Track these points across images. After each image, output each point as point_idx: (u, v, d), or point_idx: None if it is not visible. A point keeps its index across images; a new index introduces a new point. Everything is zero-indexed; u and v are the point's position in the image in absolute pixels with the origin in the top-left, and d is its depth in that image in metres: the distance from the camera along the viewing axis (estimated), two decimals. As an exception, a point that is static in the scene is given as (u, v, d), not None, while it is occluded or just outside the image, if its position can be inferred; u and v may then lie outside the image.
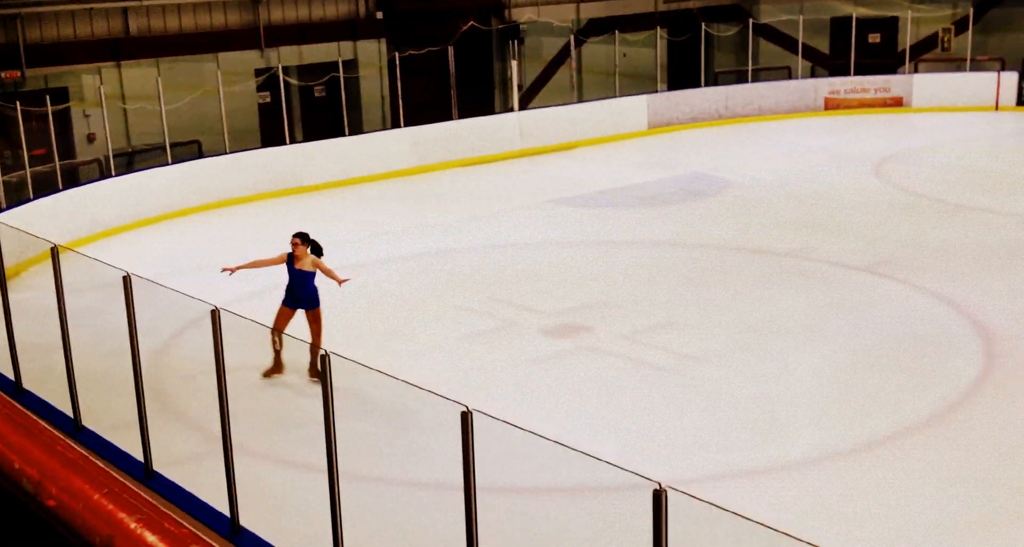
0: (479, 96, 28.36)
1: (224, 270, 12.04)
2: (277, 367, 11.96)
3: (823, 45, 32.09)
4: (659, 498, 5.27)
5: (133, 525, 7.18)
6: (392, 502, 9.44)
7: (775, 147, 25.92)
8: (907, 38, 31.20)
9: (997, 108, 29.25)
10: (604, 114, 27.24)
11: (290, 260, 11.75)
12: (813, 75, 31.39)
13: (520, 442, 9.53)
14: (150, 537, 7.04)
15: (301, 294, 11.74)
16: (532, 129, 25.93)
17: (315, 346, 11.30)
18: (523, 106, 27.41)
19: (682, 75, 30.65)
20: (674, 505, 6.28)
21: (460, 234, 18.59)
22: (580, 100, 28.34)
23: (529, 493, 9.54)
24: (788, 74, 30.76)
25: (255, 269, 12.16)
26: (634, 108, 27.81)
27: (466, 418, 6.26)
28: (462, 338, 13.39)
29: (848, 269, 15.70)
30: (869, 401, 11.20)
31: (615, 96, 27.84)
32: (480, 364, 12.55)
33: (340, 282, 11.69)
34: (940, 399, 11.10)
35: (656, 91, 28.79)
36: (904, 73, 30.36)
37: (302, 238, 11.82)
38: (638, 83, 29.11)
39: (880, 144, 25.58)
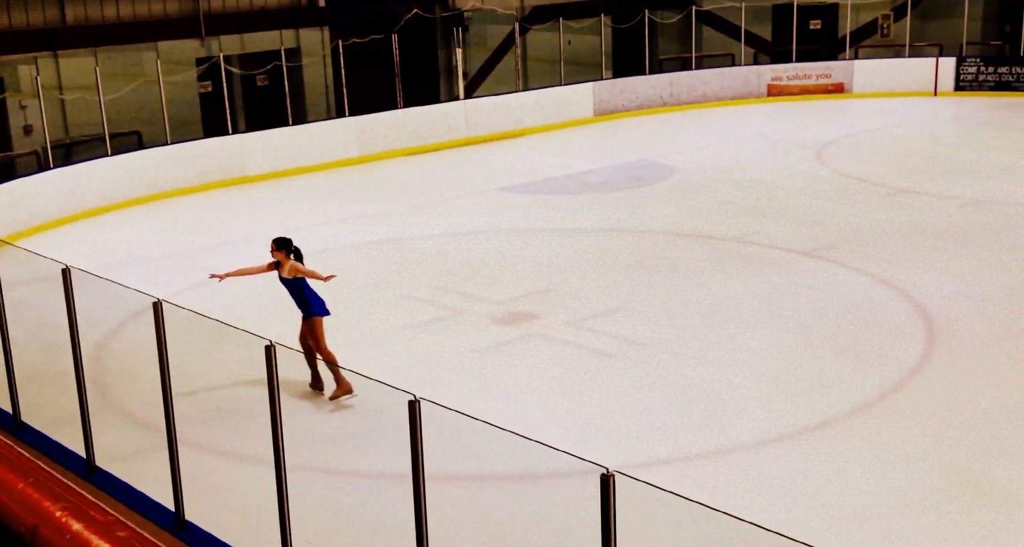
0: (424, 84, 28.24)
1: (212, 277, 11.38)
2: (316, 382, 11.27)
3: (765, 32, 32.32)
4: (607, 483, 5.27)
5: (58, 513, 7.12)
6: (340, 493, 9.39)
7: (719, 133, 26.08)
8: (847, 25, 31.53)
9: (936, 93, 29.64)
10: (550, 102, 27.24)
11: (279, 268, 11.06)
12: (756, 62, 31.61)
13: (468, 430, 9.54)
14: (75, 525, 6.99)
15: (297, 303, 11.05)
16: (478, 117, 25.87)
17: (328, 361, 10.82)
18: (468, 94, 27.34)
19: (627, 62, 30.75)
20: (623, 490, 6.29)
21: (406, 223, 18.51)
22: (526, 88, 28.31)
23: (478, 481, 9.52)
24: (731, 61, 30.93)
25: (244, 277, 11.52)
26: (579, 95, 27.85)
27: (413, 407, 6.23)
28: (409, 327, 13.34)
29: (792, 253, 15.83)
30: (814, 383, 11.30)
31: (560, 84, 27.85)
32: (428, 353, 12.51)
33: (325, 279, 11.01)
34: (883, 380, 11.23)
35: (601, 78, 28.82)
36: (845, 59, 30.66)
37: (277, 243, 11.07)
38: (583, 70, 29.14)
39: (822, 129, 25.82)
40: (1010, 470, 9.31)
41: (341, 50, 23.88)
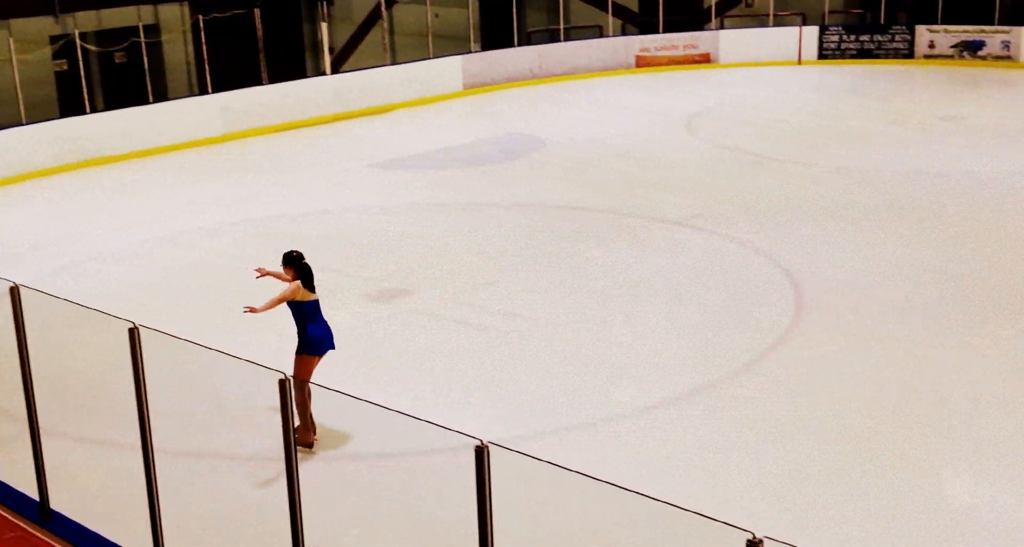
0: (289, 60, 27.67)
1: (256, 271, 10.00)
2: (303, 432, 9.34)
3: (632, 3, 32.50)
4: (481, 455, 5.17)
5: None
6: (210, 476, 9.12)
7: (590, 105, 26.16)
8: (713, -5, 31.92)
9: (800, 62, 30.21)
10: (419, 76, 26.95)
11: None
12: (624, 33, 31.78)
13: (344, 408, 9.36)
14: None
15: (299, 332, 9.44)
16: (346, 93, 25.45)
17: (299, 402, 9.08)
18: (335, 69, 26.89)
19: (495, 35, 30.61)
20: (500, 462, 6.20)
21: (274, 202, 18.10)
22: (394, 62, 27.97)
23: (353, 459, 9.34)
24: (599, 32, 31.04)
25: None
26: (449, 69, 27.61)
27: (284, 386, 6.04)
28: (281, 307, 13.01)
29: (664, 223, 15.94)
30: (690, 351, 11.38)
31: (429, 58, 27.58)
32: (300, 332, 12.23)
33: (254, 310, 9.26)
34: (757, 346, 11.36)
35: (470, 52, 28.64)
36: (711, 30, 31.03)
37: (285, 260, 9.55)
38: (451, 44, 28.91)
39: (691, 100, 26.10)
40: (883, 432, 9.49)
41: (202, 25, 23.22)
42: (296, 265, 9.48)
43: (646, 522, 8.05)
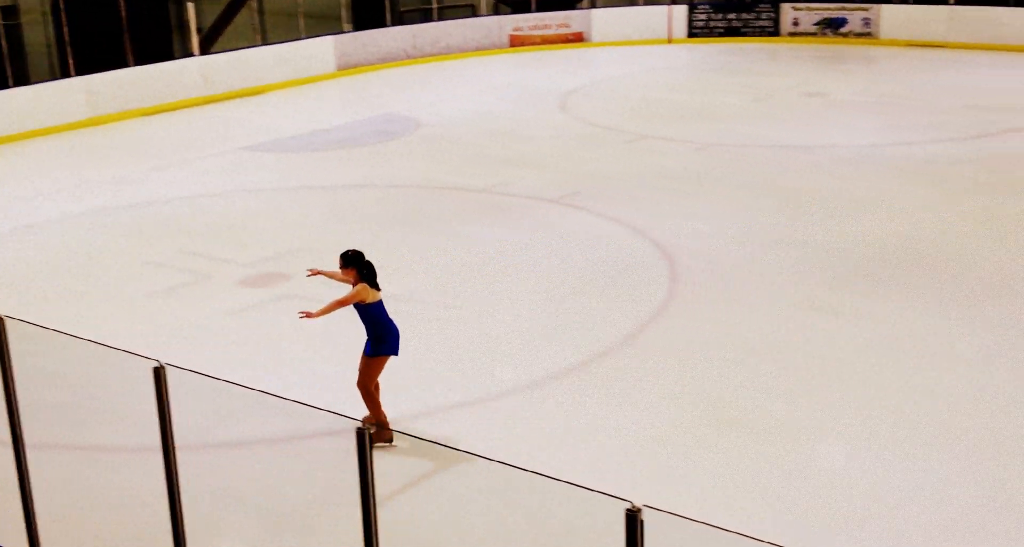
0: (156, 41, 26.98)
1: (308, 271, 9.51)
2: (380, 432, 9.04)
3: (504, -18, 32.58)
4: (362, 437, 5.16)
5: None
6: (86, 469, 8.92)
7: (464, 85, 26.15)
8: (583, -25, 32.14)
9: (670, 40, 30.66)
10: (290, 57, 26.59)
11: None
12: (497, 12, 31.81)
13: (221, 395, 9.25)
14: None
15: (366, 328, 9.00)
16: (216, 74, 24.97)
17: (369, 400, 8.96)
18: (204, 50, 26.31)
19: (367, 15, 30.33)
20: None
21: (144, 187, 17.70)
22: (265, 43, 27.54)
23: (234, 447, 9.24)
24: (472, 12, 31.03)
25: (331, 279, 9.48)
26: (321, 50, 27.30)
27: (159, 374, 5.93)
28: (154, 295, 12.79)
29: (541, 201, 16.06)
30: (569, 327, 11.50)
31: (300, 38, 27.22)
32: (175, 320, 12.02)
33: (305, 315, 8.90)
34: (634, 321, 11.54)
35: (342, 32, 28.35)
36: (583, 9, 31.25)
37: (345, 259, 8.98)
38: (323, 24, 28.59)
39: (564, 79, 26.29)
40: (756, 401, 9.74)
41: (63, 5, 22.50)
42: (358, 265, 8.90)
43: (529, 496, 8.15)
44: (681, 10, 30.60)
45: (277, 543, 7.86)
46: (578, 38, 30.50)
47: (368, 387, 8.99)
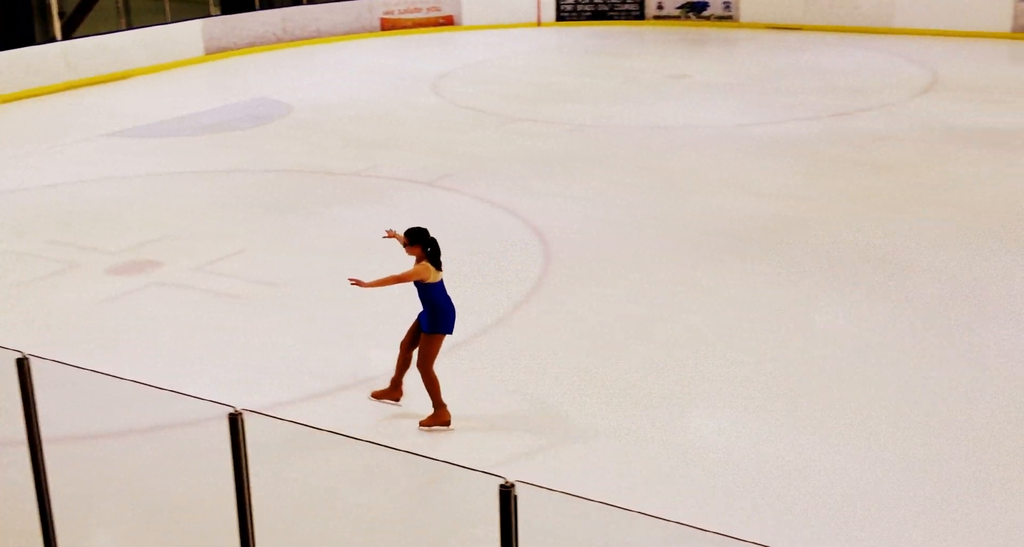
0: (16, 25, 26.20)
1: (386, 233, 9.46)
2: (393, 390, 9.24)
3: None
4: (235, 422, 5.22)
5: None
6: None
7: (336, 69, 26.02)
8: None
9: (539, 24, 30.92)
10: (157, 41, 26.09)
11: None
12: (367, -4, 31.68)
13: (91, 385, 9.15)
14: None
15: (424, 306, 8.88)
16: (79, 59, 24.38)
17: (430, 385, 8.88)
18: (67, 35, 25.67)
19: (235, -2, 29.95)
20: (256, 428, 6.26)
21: (7, 175, 17.25)
22: (130, 27, 26.96)
23: (104, 437, 9.15)
24: (342, -5, 30.84)
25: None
26: (188, 34, 26.85)
27: (22, 365, 5.89)
28: (20, 285, 12.53)
29: (414, 184, 16.14)
30: (442, 309, 11.60)
31: (167, 22, 26.72)
32: (43, 310, 11.80)
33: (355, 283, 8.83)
34: (508, 300, 11.72)
35: (210, 15, 27.90)
36: (453, -8, 31.29)
37: (410, 236, 8.86)
38: (190, 7, 28.11)
39: (436, 62, 26.35)
40: (629, 373, 10.01)
41: (-86, -11, 21.73)
42: (424, 242, 8.77)
43: (406, 476, 8.26)
44: (549, -8, 30.91)
45: (152, 534, 7.85)
46: (448, 21, 30.55)
47: (429, 368, 8.86)
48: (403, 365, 9.10)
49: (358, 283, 8.64)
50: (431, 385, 8.90)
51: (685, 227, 13.94)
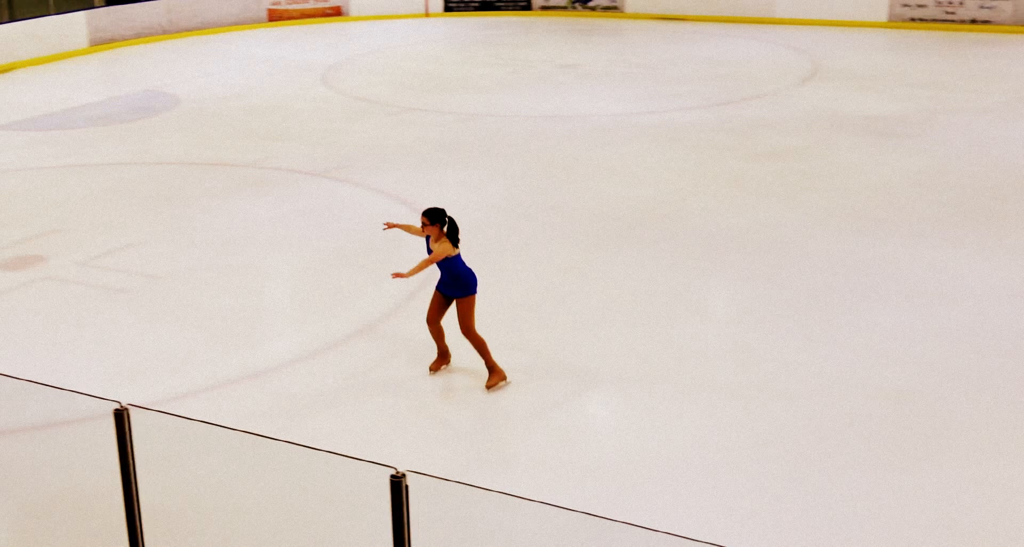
0: None
1: (385, 225, 9.91)
2: (443, 358, 9.96)
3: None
4: (121, 418, 5.25)
5: None
6: None
7: (224, 60, 25.76)
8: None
9: (428, 14, 30.95)
10: (40, 33, 25.54)
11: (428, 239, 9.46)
12: (255, -15, 31.36)
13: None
14: None
15: (446, 280, 9.54)
16: (-43, 51, 23.78)
17: (479, 346, 9.55)
18: (-57, 26, 24.99)
19: (120, -12, 29.44)
20: (145, 425, 6.27)
21: None
22: (12, 18, 26.32)
23: (-6, 437, 9.05)
24: (230, -15, 30.48)
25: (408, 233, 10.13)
26: (72, 25, 26.33)
27: None
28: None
29: (306, 175, 16.13)
30: (339, 300, 11.65)
31: (50, 13, 26.15)
32: (-77, 310, 11.57)
33: (397, 276, 9.22)
34: (402, 291, 11.81)
35: (94, 7, 27.38)
36: (343, -18, 31.16)
37: (429, 216, 9.29)
38: (73, -2, 27.56)
39: (325, 53, 26.25)
40: (519, 363, 10.18)
41: None
42: (441, 221, 9.31)
43: (295, 469, 8.31)
44: (440, -17, 30.98)
45: (39, 535, 7.80)
46: (336, 12, 30.41)
47: (472, 330, 9.55)
48: (439, 335, 9.82)
49: (400, 276, 9.21)
50: (480, 347, 9.58)
51: (575, 214, 14.18)
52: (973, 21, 26.73)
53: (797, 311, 11.10)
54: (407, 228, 10.02)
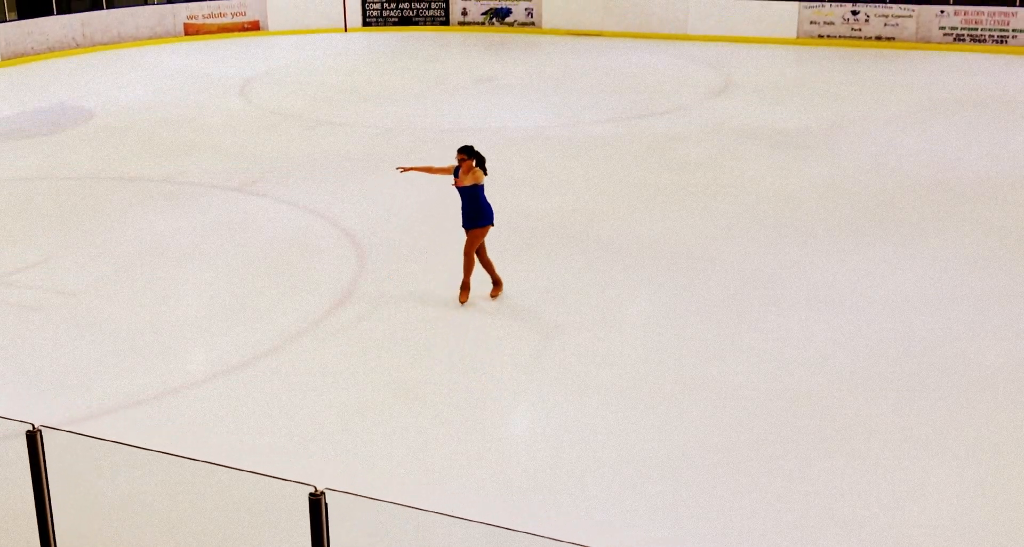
0: None
1: (398, 169, 12.27)
2: (496, 286, 11.89)
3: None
4: (33, 439, 5.23)
5: None
6: None
7: (138, 73, 25.53)
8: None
9: (347, 29, 30.97)
10: (-54, 45, 25.09)
11: (456, 175, 11.39)
12: (170, 1, 31.09)
13: None
14: None
15: (468, 211, 11.40)
16: None
17: (487, 264, 11.77)
18: None
19: (33, 2, 28.93)
20: (60, 444, 6.25)
21: None
22: (-84, 31, 25.83)
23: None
24: (144, 0, 30.23)
25: (427, 174, 12.32)
26: (-20, 38, 25.90)
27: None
28: None
29: (221, 189, 16.07)
30: (255, 315, 11.62)
31: (-43, 25, 25.72)
32: None
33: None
34: (321, 304, 11.82)
35: (6, 20, 26.96)
36: (258, -4, 31.03)
37: (467, 152, 11.32)
38: (-18, 11, 27.08)
39: (242, 67, 26.13)
40: (438, 377, 10.29)
41: None
42: (475, 156, 11.32)
43: (212, 488, 8.29)
44: (356, 0, 30.98)
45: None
46: (255, 26, 30.29)
47: (470, 253, 11.52)
48: (489, 266, 11.80)
49: (406, 169, 12.14)
50: (467, 269, 11.59)
51: (508, 221, 14.30)
52: (878, 37, 27.46)
53: (706, 318, 11.35)
54: (426, 169, 11.97)
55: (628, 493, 8.22)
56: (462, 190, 11.35)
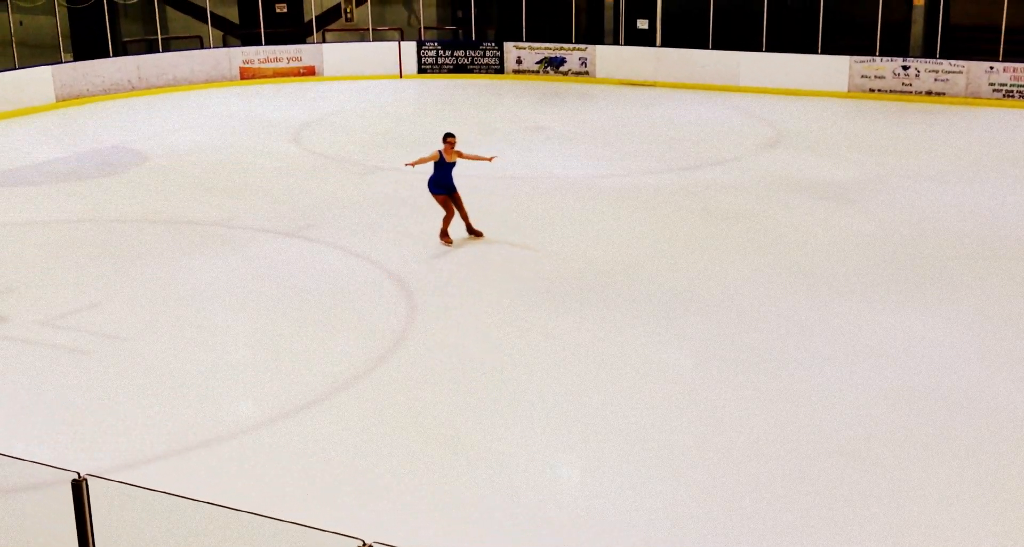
0: None
1: (407, 165, 15.50)
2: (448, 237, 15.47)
3: (232, 14, 32.26)
4: (79, 489, 5.17)
5: None
6: None
7: (193, 117, 25.77)
8: (312, 9, 32.27)
9: (401, 76, 31.19)
10: (5, 87, 25.47)
11: (441, 157, 15.05)
12: (225, 45, 31.50)
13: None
14: None
15: (449, 182, 15.24)
16: (-78, 105, 23.67)
17: (464, 214, 15.50)
18: (-91, 79, 24.89)
19: (88, 44, 29.40)
20: (104, 495, 6.17)
21: None
22: (-24, 73, 26.28)
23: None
24: (200, 43, 30.59)
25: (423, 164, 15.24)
26: (38, 80, 26.29)
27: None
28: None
29: (273, 234, 16.09)
30: (305, 362, 11.55)
31: (15, 68, 26.12)
32: None
33: (490, 159, 16.29)
34: (371, 352, 11.74)
35: (61, 62, 27.38)
36: (314, 43, 31.37)
37: (453, 135, 15.36)
38: (40, 53, 27.52)
39: (297, 111, 26.32)
40: (490, 429, 10.14)
41: None
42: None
43: (257, 539, 8.19)
44: (411, 46, 31.21)
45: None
46: (310, 72, 30.57)
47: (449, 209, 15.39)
48: (463, 214, 15.54)
49: (484, 156, 16.24)
50: (446, 220, 15.44)
51: (537, 274, 14.23)
52: (928, 92, 27.23)
53: (743, 367, 11.23)
54: (421, 160, 15.17)
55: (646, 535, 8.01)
56: (450, 165, 15.13)
